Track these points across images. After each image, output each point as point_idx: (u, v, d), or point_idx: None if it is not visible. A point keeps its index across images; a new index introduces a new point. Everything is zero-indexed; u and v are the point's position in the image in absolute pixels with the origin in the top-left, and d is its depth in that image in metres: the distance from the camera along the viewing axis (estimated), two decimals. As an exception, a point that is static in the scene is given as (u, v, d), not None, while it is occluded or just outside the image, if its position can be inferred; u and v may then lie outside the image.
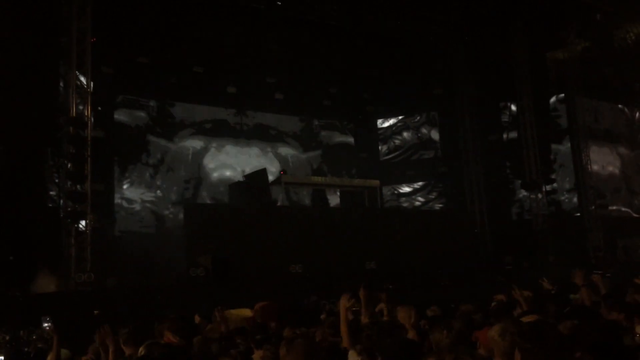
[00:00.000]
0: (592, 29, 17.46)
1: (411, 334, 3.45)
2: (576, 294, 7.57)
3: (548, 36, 17.57)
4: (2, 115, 10.66)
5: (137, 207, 16.46)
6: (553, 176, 18.22)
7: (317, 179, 15.38)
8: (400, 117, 21.57)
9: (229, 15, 15.22)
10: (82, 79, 11.97)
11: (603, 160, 20.70)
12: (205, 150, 17.99)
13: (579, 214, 18.64)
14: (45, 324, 7.52)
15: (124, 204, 16.27)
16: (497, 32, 17.60)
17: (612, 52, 18.16)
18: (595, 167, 19.27)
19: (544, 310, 4.86)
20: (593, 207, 18.38)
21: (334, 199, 18.58)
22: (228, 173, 17.61)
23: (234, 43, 16.25)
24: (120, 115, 16.60)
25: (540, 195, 17.54)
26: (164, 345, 3.74)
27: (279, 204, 14.21)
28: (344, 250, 13.00)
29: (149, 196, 16.71)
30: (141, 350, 3.84)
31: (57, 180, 12.19)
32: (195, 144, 17.87)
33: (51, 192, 12.16)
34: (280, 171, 14.48)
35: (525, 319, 3.27)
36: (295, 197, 18.42)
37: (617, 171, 21.37)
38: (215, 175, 17.95)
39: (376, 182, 15.54)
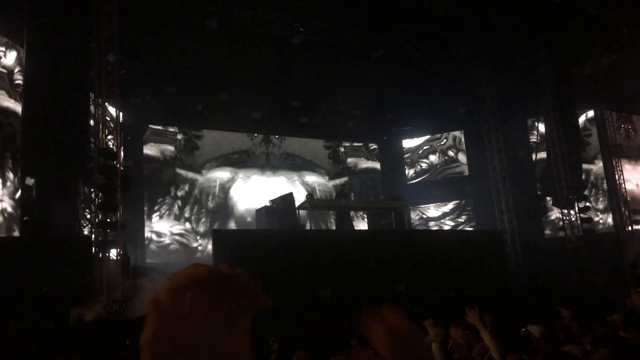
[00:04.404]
0: (618, 42, 17.19)
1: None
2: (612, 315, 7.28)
3: (573, 51, 17.36)
4: (35, 147, 10.94)
5: (166, 240, 16.66)
6: (585, 193, 17.85)
7: (344, 202, 15.28)
8: (425, 138, 21.49)
9: (251, 41, 15.46)
10: (112, 110, 12.26)
11: (637, 178, 20.19)
12: (232, 180, 18.16)
13: (613, 232, 18.18)
14: None
15: (154, 237, 16.48)
16: (521, 48, 17.48)
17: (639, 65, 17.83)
18: (629, 186, 18.82)
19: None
20: (628, 226, 17.94)
21: (362, 224, 18.48)
22: (255, 203, 17.74)
23: (257, 68, 16.49)
24: (148, 147, 16.93)
25: (572, 213, 17.16)
26: None
27: (306, 228, 14.15)
28: (373, 273, 12.84)
29: (177, 229, 16.92)
30: None
31: (87, 211, 12.40)
32: (222, 174, 18.06)
33: (83, 223, 12.37)
34: (307, 195, 14.46)
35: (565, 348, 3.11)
36: (322, 221, 18.38)
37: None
38: (242, 205, 18.07)
39: (402, 203, 15.38)
